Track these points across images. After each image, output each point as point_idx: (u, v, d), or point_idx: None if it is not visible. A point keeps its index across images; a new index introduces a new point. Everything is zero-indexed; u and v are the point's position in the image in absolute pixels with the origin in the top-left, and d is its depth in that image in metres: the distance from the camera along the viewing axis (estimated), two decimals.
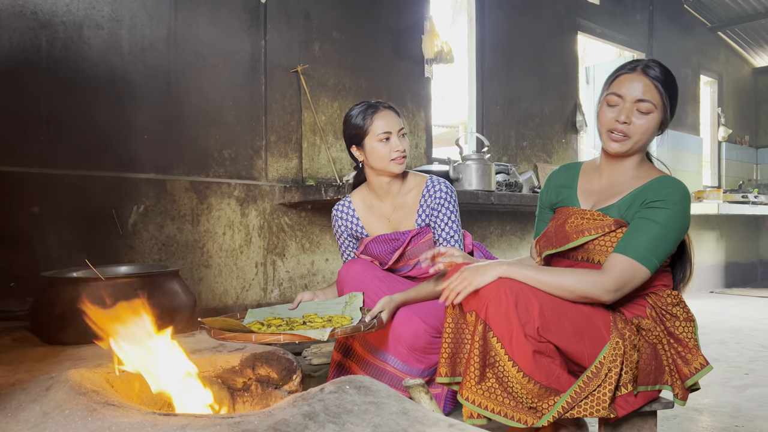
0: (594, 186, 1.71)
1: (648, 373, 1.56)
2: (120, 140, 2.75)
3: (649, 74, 1.57)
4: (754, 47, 7.40)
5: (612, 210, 1.61)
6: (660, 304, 1.61)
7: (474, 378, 1.45)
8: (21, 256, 2.47)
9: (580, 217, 1.63)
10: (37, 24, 2.55)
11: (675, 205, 1.52)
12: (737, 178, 7.53)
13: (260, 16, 3.26)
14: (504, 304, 1.45)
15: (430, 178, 2.09)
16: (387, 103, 2.08)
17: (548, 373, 1.45)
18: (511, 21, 4.71)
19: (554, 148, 5.10)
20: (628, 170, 1.66)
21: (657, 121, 1.59)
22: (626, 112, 1.57)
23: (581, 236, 1.59)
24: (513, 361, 1.43)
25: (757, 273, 7.69)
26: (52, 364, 1.56)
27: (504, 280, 1.48)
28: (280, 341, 1.56)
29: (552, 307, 1.48)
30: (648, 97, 1.56)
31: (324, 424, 1.04)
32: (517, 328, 1.43)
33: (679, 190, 1.55)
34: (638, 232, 1.51)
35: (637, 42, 5.98)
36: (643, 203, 1.55)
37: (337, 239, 2.25)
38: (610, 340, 1.50)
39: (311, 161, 3.44)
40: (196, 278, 2.99)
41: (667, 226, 1.51)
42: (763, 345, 3.66)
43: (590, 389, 1.46)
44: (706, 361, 1.59)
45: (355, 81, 3.66)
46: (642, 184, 1.60)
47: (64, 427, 1.06)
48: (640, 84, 1.56)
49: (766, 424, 2.22)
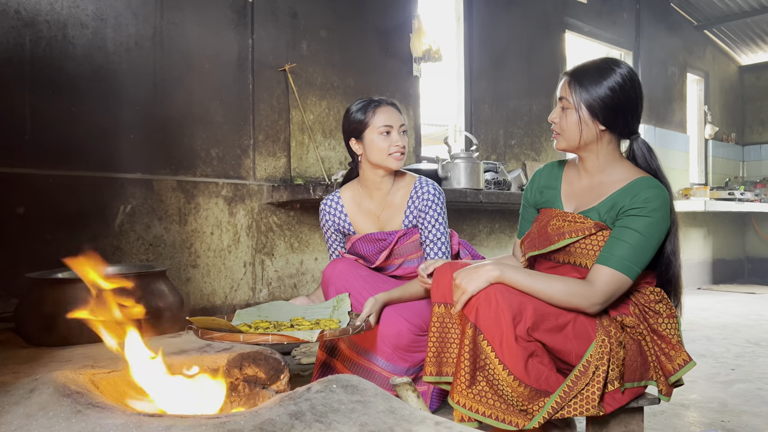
0: (575, 188, 1.73)
1: (634, 370, 1.58)
2: (106, 140, 2.73)
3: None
4: (740, 45, 7.47)
5: (592, 213, 1.62)
6: (643, 301, 1.62)
7: (465, 381, 1.46)
8: (5, 257, 2.44)
9: (562, 220, 1.65)
10: (21, 23, 2.53)
11: (654, 212, 1.53)
12: (724, 175, 7.60)
13: (247, 15, 3.25)
14: (494, 306, 1.45)
15: (419, 179, 2.09)
16: (390, 99, 2.08)
17: (538, 376, 1.46)
18: (498, 20, 4.72)
19: (542, 146, 5.11)
20: (605, 170, 1.67)
21: (577, 117, 1.62)
22: (557, 111, 1.67)
23: (562, 239, 1.61)
24: (503, 365, 1.44)
25: (743, 269, 7.76)
26: (37, 366, 1.54)
27: (495, 284, 1.49)
28: (268, 341, 1.55)
29: (541, 305, 1.50)
30: (563, 94, 1.65)
31: (310, 423, 1.04)
32: (508, 332, 1.44)
33: (657, 195, 1.55)
34: (620, 242, 1.53)
35: (624, 40, 6.01)
36: (621, 210, 1.56)
37: (324, 233, 2.24)
38: (596, 338, 1.51)
39: (299, 160, 3.44)
40: (183, 278, 2.98)
41: (646, 234, 1.53)
42: (749, 341, 3.69)
43: (579, 388, 1.47)
44: (689, 357, 1.61)
45: (343, 80, 3.66)
46: (622, 186, 1.61)
47: (47, 429, 1.05)
48: (561, 83, 1.67)
49: (752, 419, 2.24)
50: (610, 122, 1.63)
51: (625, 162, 1.69)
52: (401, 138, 2.03)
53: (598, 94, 1.60)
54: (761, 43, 7.36)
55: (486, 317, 1.45)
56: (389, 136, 2.01)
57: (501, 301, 1.45)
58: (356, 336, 1.96)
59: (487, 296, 1.47)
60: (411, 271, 2.08)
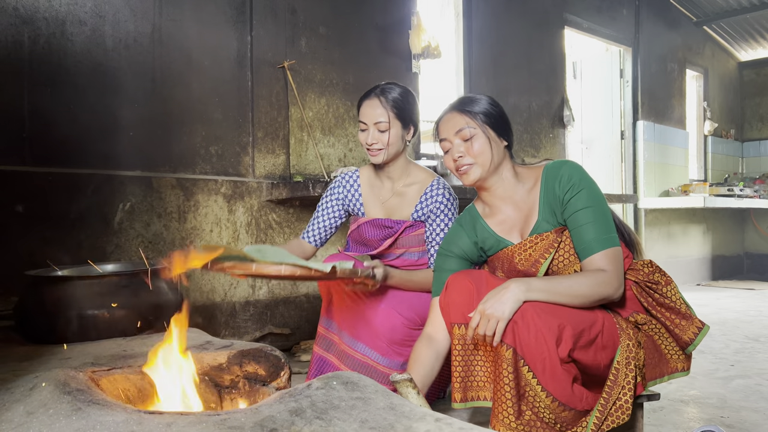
0: (508, 222, 1.68)
1: (653, 367, 1.57)
2: (105, 137, 2.73)
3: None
4: (740, 41, 7.46)
5: (541, 227, 1.60)
6: (641, 276, 1.61)
7: (512, 414, 1.40)
8: (5, 255, 2.44)
9: (523, 249, 1.60)
10: (19, 20, 2.52)
11: (582, 181, 1.55)
12: (723, 171, 7.60)
13: (246, 11, 3.24)
14: (534, 330, 1.39)
15: (437, 180, 2.08)
16: (380, 90, 2.03)
17: (581, 397, 1.42)
18: (498, 16, 4.71)
19: (542, 142, 5.11)
20: (516, 186, 1.67)
21: (485, 137, 1.61)
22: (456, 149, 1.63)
23: (539, 265, 1.56)
24: (547, 392, 1.38)
25: (743, 265, 7.77)
26: (37, 363, 1.54)
27: (528, 304, 1.42)
28: (281, 273, 1.49)
29: (576, 322, 1.44)
30: (460, 126, 1.62)
31: (311, 420, 1.04)
32: (552, 356, 1.38)
33: (570, 167, 1.58)
34: (584, 227, 1.52)
35: (623, 36, 6.01)
36: (560, 201, 1.56)
37: (321, 202, 2.18)
38: (621, 344, 1.48)
39: (299, 157, 3.43)
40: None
41: (594, 202, 1.54)
42: (748, 337, 3.70)
43: (613, 398, 1.43)
44: (702, 322, 1.59)
45: (342, 76, 3.65)
46: (539, 188, 1.62)
47: (48, 427, 1.05)
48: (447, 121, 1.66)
49: (751, 414, 2.24)
50: (508, 135, 1.66)
51: (519, 169, 1.70)
52: (373, 135, 1.99)
53: (489, 110, 1.63)
54: (760, 39, 7.36)
55: (527, 342, 1.39)
56: (365, 133, 2.01)
57: (540, 324, 1.38)
58: (351, 330, 1.96)
59: (524, 319, 1.39)
60: (410, 264, 2.09)
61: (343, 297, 2.02)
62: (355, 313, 1.97)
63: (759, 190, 7.00)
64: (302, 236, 2.19)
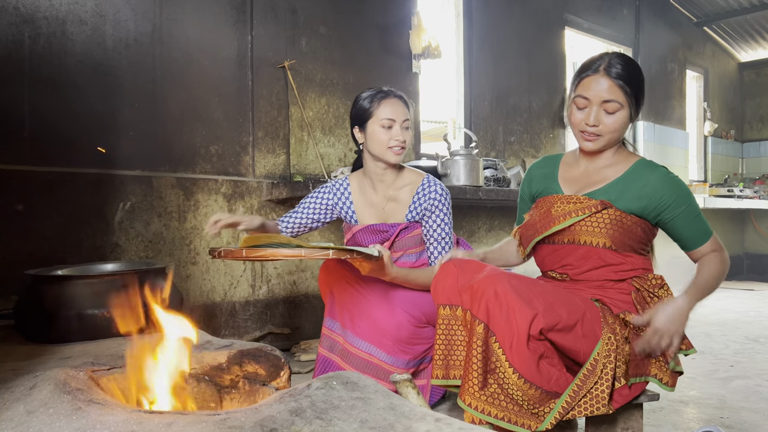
0: (573, 174, 1.75)
1: (637, 364, 1.58)
2: (105, 137, 2.73)
3: (611, 74, 1.59)
4: (740, 42, 7.46)
5: (598, 194, 1.64)
6: (646, 286, 1.63)
7: (476, 383, 1.44)
8: (5, 254, 2.44)
9: (566, 202, 1.66)
10: (20, 19, 2.52)
11: (680, 186, 1.63)
12: (723, 172, 7.60)
13: (246, 11, 3.24)
14: (505, 308, 1.44)
15: (427, 178, 2.08)
16: (399, 92, 2.07)
17: (548, 377, 1.45)
18: (498, 16, 4.71)
19: (542, 143, 5.11)
20: (606, 158, 1.71)
21: (625, 117, 1.62)
22: (594, 113, 1.60)
23: (568, 218, 1.62)
24: (513, 368, 1.42)
25: (742, 266, 7.77)
26: (37, 363, 1.54)
27: (502, 276, 1.48)
28: (329, 257, 1.53)
29: (551, 305, 1.49)
30: (613, 97, 1.59)
31: (311, 420, 1.04)
32: (519, 334, 1.42)
33: (665, 174, 1.64)
34: (687, 225, 1.62)
35: (623, 37, 6.00)
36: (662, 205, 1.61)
37: (306, 200, 2.17)
38: (602, 336, 1.51)
39: (299, 157, 3.43)
40: (183, 275, 2.98)
41: (692, 202, 1.64)
42: (748, 337, 3.70)
43: (588, 387, 1.46)
44: (690, 344, 1.63)
45: (342, 76, 3.65)
46: (625, 171, 1.66)
47: (48, 426, 1.05)
48: (604, 85, 1.59)
49: (750, 415, 2.24)
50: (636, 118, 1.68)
51: (621, 148, 1.75)
52: (403, 133, 2.02)
53: (639, 91, 1.63)
54: (761, 40, 7.36)
55: (497, 319, 1.44)
56: (390, 130, 2.01)
57: (513, 302, 1.43)
58: (356, 330, 1.96)
59: (498, 298, 1.45)
60: (409, 266, 2.08)
61: (345, 296, 2.02)
62: (360, 312, 1.97)
63: (759, 191, 6.99)
64: (278, 222, 2.19)
